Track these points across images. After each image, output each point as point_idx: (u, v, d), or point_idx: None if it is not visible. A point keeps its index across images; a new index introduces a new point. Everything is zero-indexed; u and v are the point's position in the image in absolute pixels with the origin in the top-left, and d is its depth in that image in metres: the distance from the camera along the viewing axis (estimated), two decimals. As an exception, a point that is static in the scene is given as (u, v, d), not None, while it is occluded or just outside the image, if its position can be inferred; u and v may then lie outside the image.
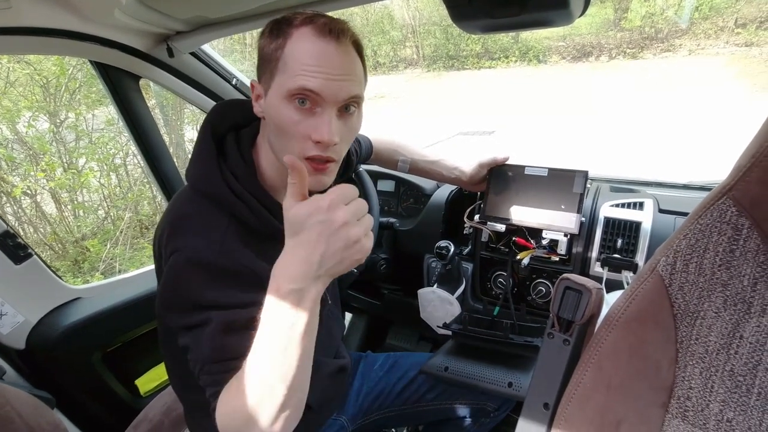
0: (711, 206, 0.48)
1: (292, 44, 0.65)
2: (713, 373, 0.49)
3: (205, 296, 0.65)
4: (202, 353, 0.65)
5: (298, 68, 0.64)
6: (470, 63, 10.85)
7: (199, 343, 0.65)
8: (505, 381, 0.97)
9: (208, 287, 0.65)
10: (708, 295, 0.49)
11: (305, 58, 0.64)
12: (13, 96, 3.36)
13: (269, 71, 0.67)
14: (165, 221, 0.73)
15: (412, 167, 1.19)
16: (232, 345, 0.65)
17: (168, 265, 0.67)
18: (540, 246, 1.11)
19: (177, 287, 0.66)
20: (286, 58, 0.65)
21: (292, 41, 0.65)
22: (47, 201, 3.65)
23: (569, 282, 0.64)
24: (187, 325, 0.66)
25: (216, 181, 0.70)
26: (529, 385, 0.66)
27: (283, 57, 0.65)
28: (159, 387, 1.44)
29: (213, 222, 0.69)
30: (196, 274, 0.65)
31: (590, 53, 9.68)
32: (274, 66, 0.66)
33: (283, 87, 0.65)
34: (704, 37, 8.69)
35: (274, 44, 0.66)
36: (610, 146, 5.40)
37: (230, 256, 0.67)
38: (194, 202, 0.72)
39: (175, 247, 0.67)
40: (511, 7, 0.69)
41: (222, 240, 0.68)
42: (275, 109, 0.67)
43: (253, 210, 0.70)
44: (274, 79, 0.67)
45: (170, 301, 0.68)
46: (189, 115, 4.19)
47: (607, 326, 0.56)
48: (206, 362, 0.65)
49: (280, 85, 0.66)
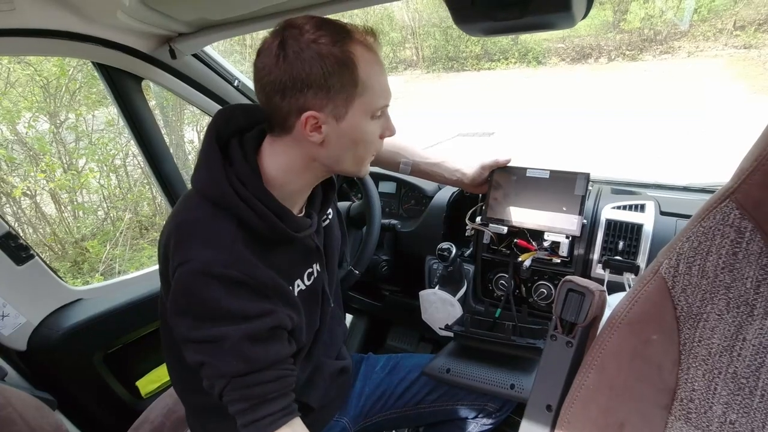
0: (714, 209, 0.48)
1: (365, 68, 0.68)
2: (716, 376, 0.49)
3: (221, 306, 0.66)
4: (227, 367, 0.66)
5: (381, 88, 0.72)
6: (469, 64, 10.87)
7: (221, 358, 0.66)
8: (508, 383, 0.97)
9: (223, 297, 0.66)
10: (711, 297, 0.49)
11: (378, 74, 0.71)
12: (13, 97, 3.36)
13: (343, 98, 0.69)
14: (171, 225, 0.73)
15: (414, 169, 1.19)
16: (260, 355, 0.68)
17: (178, 276, 0.67)
18: (541, 248, 1.11)
19: (190, 297, 0.67)
20: (366, 82, 0.69)
21: (364, 65, 0.68)
22: (47, 202, 3.65)
23: (572, 284, 0.64)
24: (200, 339, 0.67)
25: (223, 187, 0.70)
26: (532, 387, 0.66)
27: (361, 82, 0.68)
28: (160, 388, 1.44)
29: (221, 230, 0.70)
30: (208, 285, 0.66)
31: (589, 55, 9.71)
32: (350, 92, 0.68)
33: (369, 107, 0.71)
34: (703, 39, 8.72)
35: (347, 72, 0.67)
36: (609, 147, 5.41)
37: (239, 267, 0.68)
38: (201, 208, 0.72)
39: (185, 257, 0.67)
40: (513, 9, 0.69)
41: (231, 249, 0.68)
42: (359, 129, 0.72)
43: (260, 215, 0.70)
44: (354, 101, 0.69)
45: (183, 309, 0.68)
46: (189, 115, 4.18)
47: (610, 328, 0.56)
48: (234, 376, 0.66)
49: (366, 105, 0.70)
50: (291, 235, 0.74)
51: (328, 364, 0.93)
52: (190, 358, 0.69)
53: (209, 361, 0.67)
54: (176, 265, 0.68)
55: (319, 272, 0.86)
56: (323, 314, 0.90)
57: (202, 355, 0.67)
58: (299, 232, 0.76)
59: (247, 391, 0.67)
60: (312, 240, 0.82)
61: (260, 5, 0.97)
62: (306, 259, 0.83)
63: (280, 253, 0.75)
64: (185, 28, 1.14)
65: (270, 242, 0.72)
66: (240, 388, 0.67)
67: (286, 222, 0.73)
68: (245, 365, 0.67)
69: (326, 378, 0.94)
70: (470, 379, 1.01)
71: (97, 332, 1.27)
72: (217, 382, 0.67)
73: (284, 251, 0.76)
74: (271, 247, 0.73)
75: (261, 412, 0.67)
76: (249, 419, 0.67)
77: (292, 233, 0.74)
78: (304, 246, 0.81)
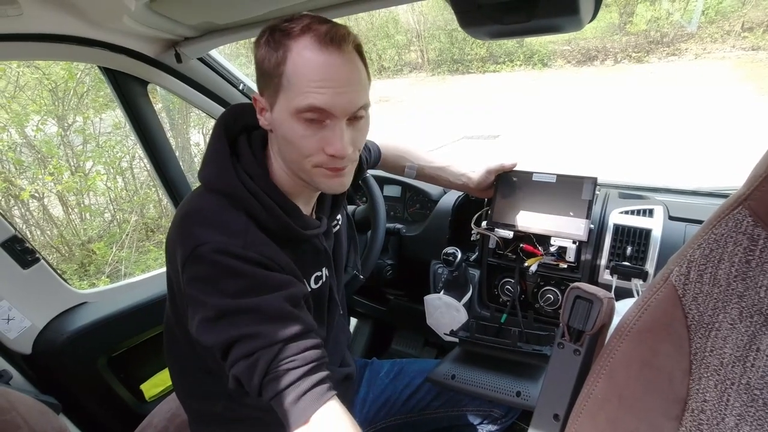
0: (726, 216, 0.47)
1: (294, 59, 0.62)
2: (728, 386, 0.48)
3: (254, 276, 0.63)
4: (278, 332, 0.61)
5: (303, 86, 0.62)
6: (475, 67, 10.86)
7: (267, 325, 0.61)
8: (514, 390, 0.96)
9: (251, 270, 0.64)
10: (723, 306, 0.48)
11: (310, 74, 0.62)
12: (22, 100, 3.39)
13: (272, 87, 0.65)
14: (177, 218, 0.71)
15: (419, 173, 1.19)
16: (307, 318, 0.65)
17: (196, 255, 0.64)
18: (548, 253, 1.10)
19: (218, 270, 0.63)
20: (290, 75, 0.63)
21: (294, 55, 0.62)
22: (54, 204, 3.68)
23: (580, 291, 0.63)
24: (236, 309, 0.62)
25: (231, 180, 0.69)
26: (539, 395, 0.65)
27: (286, 73, 0.63)
28: (164, 392, 1.44)
29: (231, 220, 0.68)
30: (231, 260, 0.63)
31: (595, 57, 9.66)
32: (277, 82, 0.64)
33: (290, 104, 0.64)
34: (710, 41, 8.66)
35: (274, 59, 0.63)
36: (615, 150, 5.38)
37: (257, 249, 0.66)
38: (208, 200, 0.70)
39: (198, 240, 0.64)
40: (520, 13, 0.69)
41: (244, 236, 0.66)
42: (283, 125, 0.66)
43: (267, 209, 0.69)
44: (279, 95, 0.65)
45: (212, 282, 0.63)
46: (195, 119, 4.21)
47: (619, 336, 0.55)
48: (289, 339, 0.61)
49: (287, 102, 0.64)
50: (298, 233, 0.73)
51: (331, 372, 0.92)
52: (221, 337, 0.61)
53: (251, 333, 0.60)
54: (189, 251, 0.64)
55: (327, 277, 0.85)
56: (330, 320, 0.89)
57: (239, 329, 0.61)
58: (307, 230, 0.75)
59: (304, 354, 0.61)
60: (320, 242, 0.82)
61: (265, 9, 0.97)
62: (314, 261, 0.82)
63: (287, 252, 0.73)
64: (191, 33, 1.14)
65: (278, 239, 0.71)
66: (295, 354, 0.61)
67: (293, 218, 0.72)
68: (298, 326, 0.62)
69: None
70: (476, 386, 1.00)
71: (102, 335, 1.27)
72: (263, 354, 0.60)
73: (292, 251, 0.74)
74: (280, 245, 0.71)
75: (318, 374, 0.62)
76: (307, 386, 0.60)
77: (299, 230, 0.73)
78: (312, 247, 0.80)
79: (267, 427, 0.82)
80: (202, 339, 0.64)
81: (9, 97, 3.31)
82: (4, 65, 3.16)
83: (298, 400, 0.60)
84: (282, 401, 0.59)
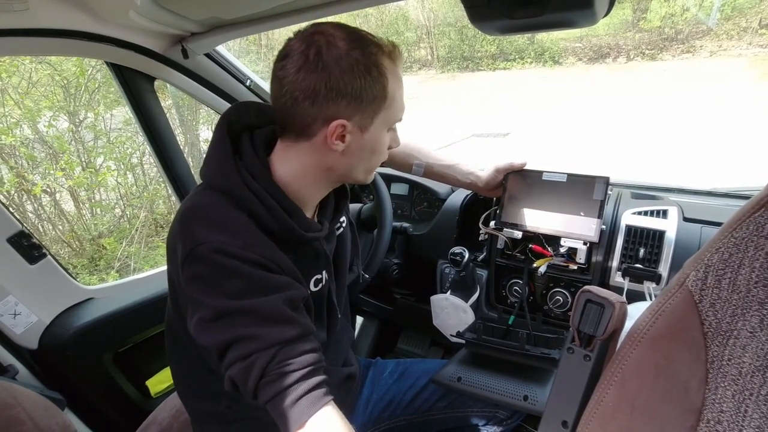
0: (747, 219, 0.45)
1: (393, 83, 0.70)
2: (747, 397, 0.46)
3: (252, 277, 0.63)
4: (276, 335, 0.61)
5: (401, 102, 0.74)
6: (485, 64, 10.77)
7: (264, 326, 0.61)
8: (521, 394, 0.94)
9: (250, 271, 0.63)
10: (743, 313, 0.45)
11: (402, 92, 0.74)
12: (35, 96, 3.43)
13: (371, 110, 0.70)
14: (178, 216, 0.71)
15: (427, 171, 1.17)
16: (305, 320, 0.66)
17: (195, 255, 0.63)
18: (558, 254, 1.08)
19: (216, 269, 0.63)
20: (393, 96, 0.71)
21: (392, 79, 0.70)
22: (66, 199, 3.72)
23: (590, 294, 0.61)
24: (234, 311, 0.62)
25: (233, 178, 0.69)
26: (547, 401, 0.64)
27: (389, 95, 0.70)
28: (170, 388, 1.45)
29: (231, 219, 0.68)
30: (230, 261, 0.63)
31: (607, 54, 9.53)
32: (379, 104, 0.70)
33: (390, 120, 0.74)
34: (726, 38, 8.49)
35: (379, 85, 0.68)
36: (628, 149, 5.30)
37: (256, 250, 0.65)
38: (210, 197, 0.70)
39: (198, 240, 0.64)
40: (531, 7, 0.67)
41: (245, 234, 0.66)
42: (379, 140, 0.74)
43: (269, 209, 0.69)
44: (379, 114, 0.71)
45: (211, 282, 0.63)
46: (204, 115, 4.23)
47: (632, 342, 0.53)
48: (286, 342, 0.61)
49: (387, 118, 0.73)
50: (300, 235, 0.72)
51: (333, 372, 0.91)
52: (218, 338, 0.61)
53: (249, 335, 0.60)
54: (189, 250, 0.64)
55: (327, 280, 0.84)
56: (330, 324, 0.88)
57: (237, 330, 0.60)
58: (309, 232, 0.74)
59: (301, 358, 0.61)
60: (321, 245, 0.81)
61: (272, 4, 0.96)
62: (314, 264, 0.81)
63: (288, 253, 0.72)
64: (197, 28, 1.14)
65: (278, 240, 0.70)
66: (292, 357, 0.60)
67: (295, 219, 0.72)
68: (296, 329, 0.62)
69: (332, 386, 0.92)
70: (482, 389, 0.98)
71: (108, 331, 1.28)
72: (260, 357, 0.59)
73: (292, 252, 0.73)
74: (280, 246, 0.70)
75: (315, 378, 0.62)
76: (303, 390, 0.60)
77: (301, 232, 0.72)
78: (313, 250, 0.80)
79: (269, 427, 0.80)
80: (199, 339, 0.63)
81: (22, 93, 3.35)
82: (17, 61, 3.19)
83: (294, 404, 0.59)
84: (278, 405, 0.59)
